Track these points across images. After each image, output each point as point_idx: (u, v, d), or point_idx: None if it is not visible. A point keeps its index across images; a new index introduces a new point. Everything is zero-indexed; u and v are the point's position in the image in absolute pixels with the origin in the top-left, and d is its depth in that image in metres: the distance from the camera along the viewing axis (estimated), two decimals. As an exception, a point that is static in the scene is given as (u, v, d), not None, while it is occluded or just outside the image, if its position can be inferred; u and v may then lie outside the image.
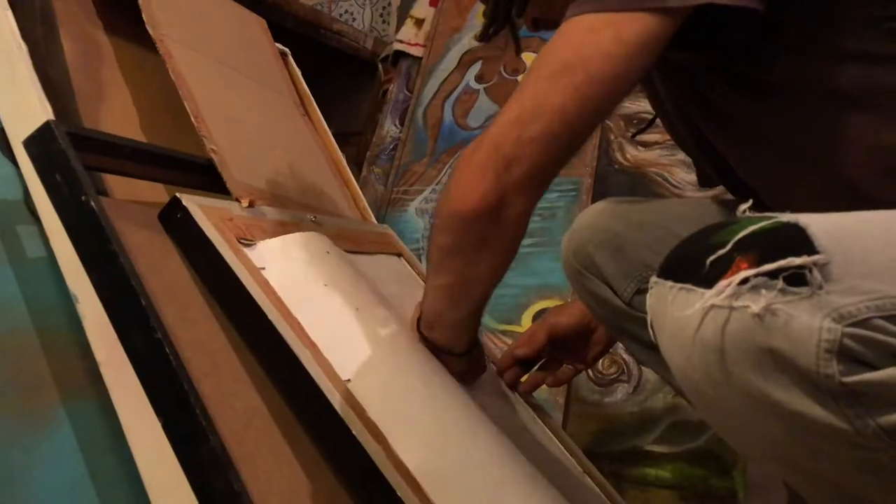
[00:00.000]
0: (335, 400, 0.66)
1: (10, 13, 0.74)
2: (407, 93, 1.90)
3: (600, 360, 1.27)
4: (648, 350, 0.90)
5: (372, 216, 1.24)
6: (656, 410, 1.21)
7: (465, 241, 0.67)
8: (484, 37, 0.75)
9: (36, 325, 0.66)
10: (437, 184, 1.69)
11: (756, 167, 0.70)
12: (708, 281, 0.46)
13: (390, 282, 1.01)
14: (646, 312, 0.80)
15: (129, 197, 0.82)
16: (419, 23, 1.93)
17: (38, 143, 0.68)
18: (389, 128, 1.87)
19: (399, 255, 1.14)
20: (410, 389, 0.77)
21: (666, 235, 0.82)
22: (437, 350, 0.82)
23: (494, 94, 1.73)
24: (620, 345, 1.24)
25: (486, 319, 1.40)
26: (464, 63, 1.81)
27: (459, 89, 1.79)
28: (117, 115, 0.91)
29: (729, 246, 0.46)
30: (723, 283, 0.45)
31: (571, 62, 0.58)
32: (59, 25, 0.84)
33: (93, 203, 0.65)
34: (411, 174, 1.74)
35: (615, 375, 1.23)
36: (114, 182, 0.84)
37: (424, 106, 1.83)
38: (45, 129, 0.68)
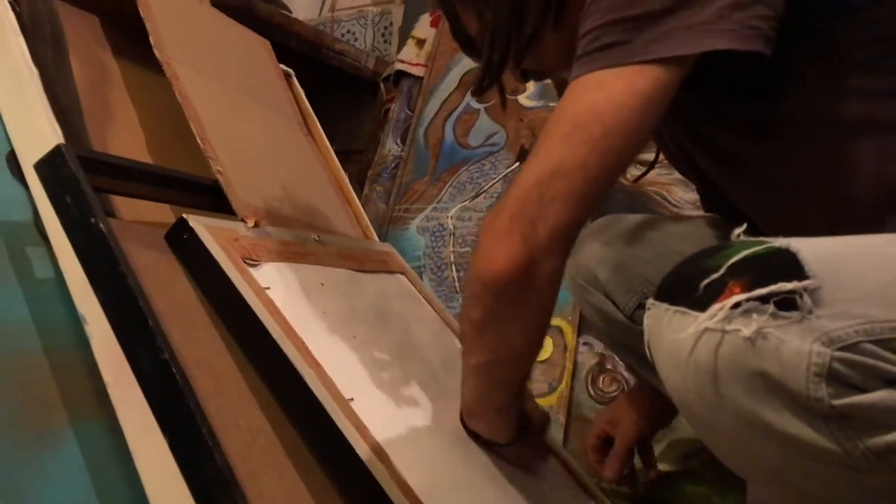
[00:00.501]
0: (339, 419, 0.67)
1: (21, 39, 0.76)
2: (408, 112, 1.91)
3: (601, 378, 1.28)
4: (649, 365, 0.91)
5: (374, 234, 1.25)
6: (657, 428, 1.22)
7: (497, 311, 0.64)
8: (479, 91, 0.74)
9: (44, 346, 0.67)
10: (437, 202, 1.70)
11: (756, 200, 0.71)
12: (701, 304, 0.47)
13: (394, 300, 1.02)
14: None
15: (136, 217, 0.83)
16: (420, 43, 1.96)
17: (49, 166, 0.69)
18: (391, 146, 1.89)
19: (401, 273, 1.15)
20: (412, 411, 0.78)
21: (666, 252, 0.84)
22: (482, 442, 0.80)
23: (495, 114, 1.75)
24: (621, 362, 1.25)
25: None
26: (464, 83, 1.83)
27: (460, 109, 1.81)
28: (125, 137, 0.92)
29: (722, 270, 0.47)
30: (716, 306, 0.46)
31: (585, 119, 0.58)
32: (69, 49, 0.85)
33: (102, 225, 0.67)
34: (413, 192, 1.76)
35: (615, 393, 1.24)
36: (121, 202, 0.85)
37: (426, 125, 1.84)
38: (56, 152, 0.69)
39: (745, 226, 0.53)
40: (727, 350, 0.46)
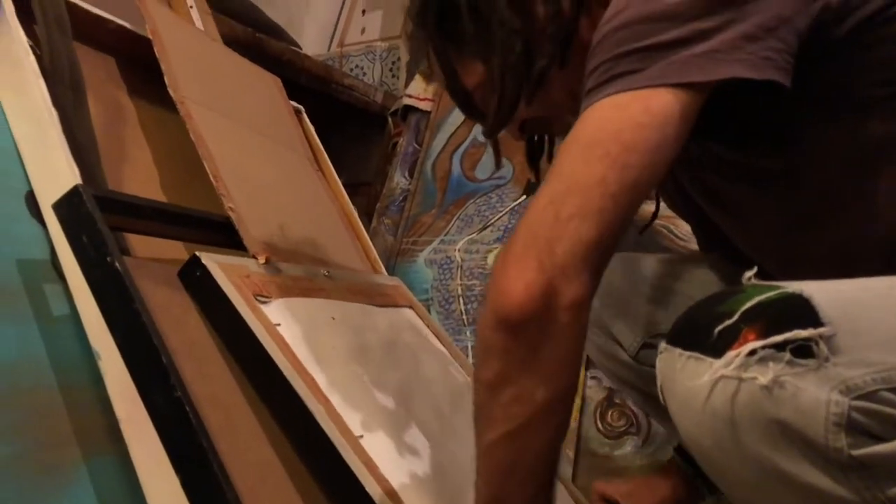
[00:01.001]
0: (348, 456, 0.67)
1: (42, 81, 0.78)
2: (416, 145, 1.94)
3: (609, 413, 1.28)
4: (655, 403, 0.91)
5: (382, 268, 1.26)
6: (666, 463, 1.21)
7: (516, 359, 0.54)
8: (489, 135, 0.74)
9: (60, 382, 0.68)
10: (445, 235, 1.71)
11: (761, 242, 0.71)
12: (716, 350, 0.47)
13: (403, 334, 1.03)
14: (652, 366, 0.81)
15: (149, 253, 0.85)
16: (428, 78, 1.98)
17: (67, 206, 0.71)
18: (399, 179, 1.91)
19: (409, 306, 1.16)
20: (421, 447, 0.78)
21: (670, 292, 0.84)
22: None
23: (502, 148, 1.78)
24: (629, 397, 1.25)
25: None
26: (472, 117, 1.86)
27: (467, 142, 1.83)
28: (139, 175, 0.94)
29: (736, 316, 0.47)
30: (731, 353, 0.46)
31: (601, 137, 0.55)
32: (87, 90, 0.87)
33: (117, 264, 0.68)
34: (420, 225, 1.77)
35: (624, 428, 1.24)
36: (135, 239, 0.87)
37: (433, 158, 1.86)
38: (74, 193, 0.71)
39: (755, 269, 0.52)
40: (744, 398, 0.45)
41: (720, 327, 0.47)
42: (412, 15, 0.75)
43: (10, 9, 0.81)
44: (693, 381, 0.48)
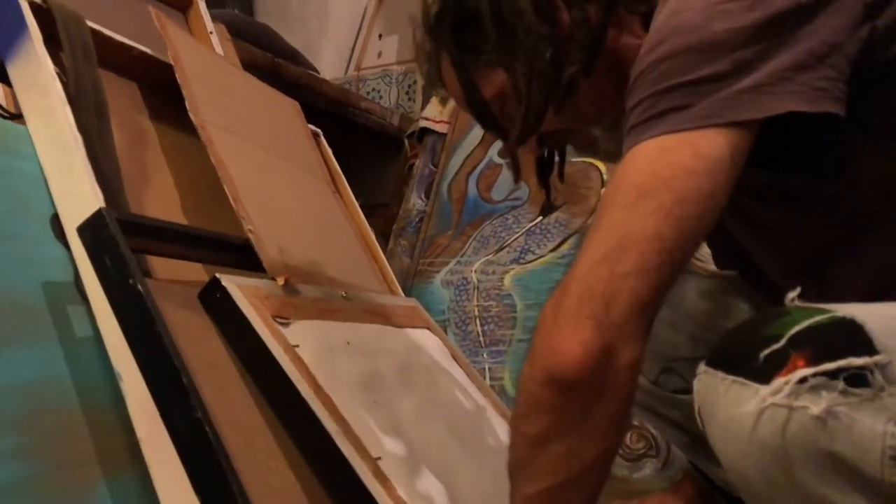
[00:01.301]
0: (366, 477, 0.68)
1: (68, 108, 0.80)
2: (432, 167, 1.95)
3: (628, 435, 1.27)
4: (674, 428, 0.90)
5: (399, 289, 1.27)
6: (685, 486, 1.20)
7: (566, 416, 0.53)
8: (518, 144, 0.71)
9: (82, 403, 0.69)
10: (461, 255, 1.72)
11: (790, 264, 0.68)
12: (763, 376, 0.45)
13: (419, 355, 1.03)
14: (672, 391, 0.80)
15: (170, 275, 0.86)
16: (444, 101, 2.00)
17: (91, 229, 0.72)
18: (415, 201, 1.92)
19: (426, 327, 1.16)
20: (439, 468, 0.78)
21: (688, 313, 0.83)
22: None
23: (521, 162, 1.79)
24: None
25: (513, 392, 1.41)
26: (487, 139, 1.87)
27: (483, 164, 1.85)
28: (161, 198, 0.95)
29: (784, 341, 0.45)
30: (780, 380, 0.44)
31: (652, 186, 0.52)
32: (111, 115, 0.89)
33: (139, 286, 0.69)
34: (436, 246, 1.78)
35: (643, 450, 1.23)
36: (156, 261, 0.88)
37: (449, 180, 1.88)
38: (98, 216, 0.72)
39: (798, 289, 0.50)
40: (795, 428, 0.43)
41: (767, 352, 0.45)
42: (424, 25, 0.74)
43: (37, 37, 0.83)
44: (738, 407, 0.46)
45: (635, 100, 0.56)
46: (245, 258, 0.88)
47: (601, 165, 1.66)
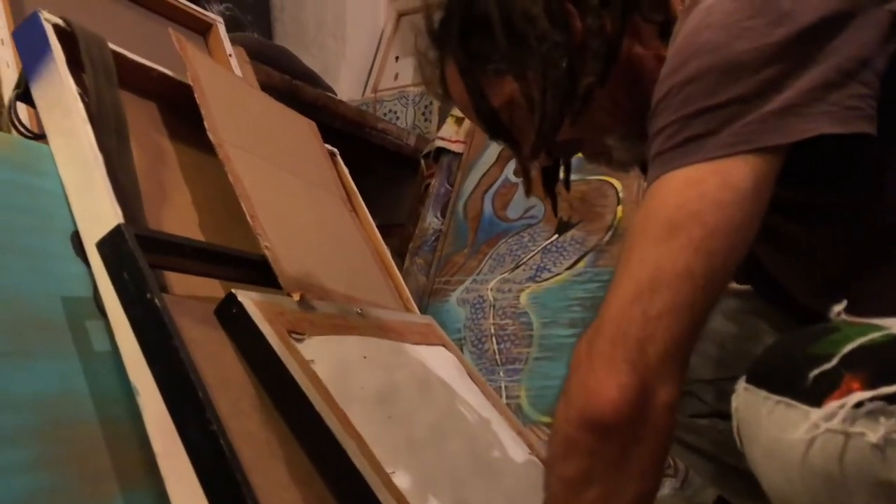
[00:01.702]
0: (380, 492, 0.67)
1: (89, 127, 0.82)
2: (448, 186, 1.96)
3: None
4: (691, 452, 0.88)
5: (415, 306, 1.27)
6: (705, 506, 1.18)
7: (605, 461, 0.52)
8: (534, 155, 0.69)
9: (100, 417, 0.70)
10: (477, 273, 1.72)
11: (815, 280, 0.67)
12: (813, 398, 0.43)
13: (436, 372, 1.03)
14: (689, 414, 0.77)
15: (187, 290, 0.87)
16: (459, 121, 2.02)
17: (110, 244, 0.73)
18: (431, 220, 1.93)
19: (442, 345, 1.16)
20: (454, 485, 0.78)
21: (708, 334, 0.80)
22: None
23: (532, 188, 1.79)
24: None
25: (530, 411, 1.40)
26: (503, 158, 1.88)
27: (499, 182, 1.85)
28: (178, 215, 0.97)
29: (835, 360, 0.43)
30: (833, 404, 0.41)
31: (680, 220, 0.51)
32: (130, 134, 0.91)
33: (157, 300, 0.70)
34: (452, 265, 1.78)
35: (660, 469, 1.21)
36: (173, 276, 0.89)
37: (465, 198, 1.88)
38: (116, 232, 0.73)
39: (845, 302, 0.48)
40: (851, 457, 0.41)
41: (816, 372, 0.43)
42: (428, 32, 0.72)
43: (60, 59, 0.85)
44: (785, 431, 0.43)
45: (659, 125, 0.54)
46: (261, 274, 0.89)
47: (617, 183, 1.66)
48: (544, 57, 0.64)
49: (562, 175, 0.82)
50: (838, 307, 0.48)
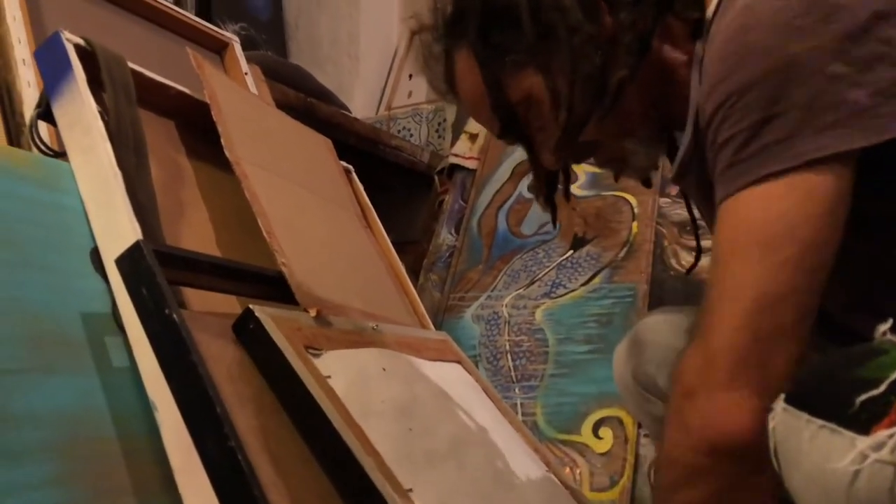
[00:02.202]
0: (399, 509, 0.67)
1: (108, 145, 0.82)
2: (462, 203, 1.96)
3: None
4: None
5: (430, 323, 1.27)
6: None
7: (737, 482, 0.53)
8: (560, 150, 0.66)
9: (118, 432, 0.70)
10: (492, 290, 1.71)
11: (846, 293, 0.64)
12: (859, 425, 0.41)
13: (454, 387, 1.03)
14: None
15: (204, 306, 0.87)
16: (473, 137, 2.03)
17: (129, 261, 0.74)
18: (445, 236, 1.93)
19: (458, 361, 1.16)
20: (472, 502, 0.77)
21: None
22: None
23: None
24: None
25: (546, 428, 1.39)
26: (517, 174, 1.88)
27: (513, 199, 1.85)
28: (196, 231, 0.97)
29: (883, 386, 0.41)
30: (883, 433, 0.40)
31: (772, 239, 0.50)
32: (149, 152, 0.92)
33: (175, 316, 0.70)
34: (467, 281, 1.78)
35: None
36: (190, 292, 0.89)
37: (479, 215, 1.89)
38: (135, 248, 0.74)
39: (890, 322, 0.46)
40: None
41: (864, 397, 0.41)
42: (437, 25, 0.70)
43: (81, 78, 0.86)
44: (830, 460, 0.42)
45: (724, 136, 0.53)
46: (278, 290, 0.89)
47: (632, 199, 1.66)
48: (575, 49, 0.62)
49: (561, 184, 0.79)
50: (883, 327, 0.46)
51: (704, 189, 0.61)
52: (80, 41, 0.91)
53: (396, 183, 2.12)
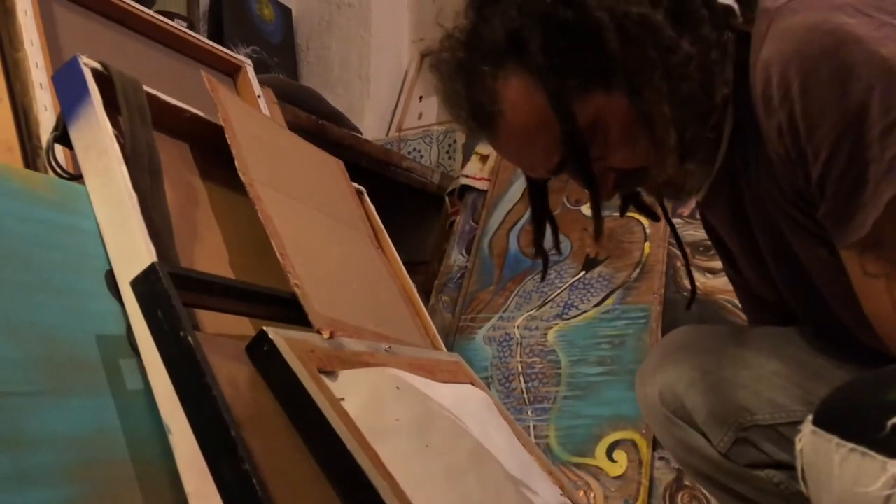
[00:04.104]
0: (414, 534, 0.66)
1: (124, 167, 0.83)
2: (473, 224, 1.96)
3: (679, 495, 1.22)
4: (738, 502, 0.82)
5: (442, 344, 1.26)
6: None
7: None
8: (663, 172, 0.63)
9: (132, 455, 0.70)
10: (504, 311, 1.71)
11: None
12: (891, 449, 0.41)
13: (468, 405, 1.02)
14: (745, 465, 0.73)
15: (218, 328, 0.87)
16: (484, 158, 2.03)
17: (144, 283, 0.74)
18: (456, 257, 1.93)
19: (470, 383, 1.15)
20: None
21: (764, 373, 0.75)
22: None
23: (558, 224, 1.79)
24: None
25: (559, 451, 1.38)
26: (527, 194, 1.88)
27: (524, 219, 1.85)
28: (210, 253, 0.98)
29: None
30: None
31: None
32: (164, 175, 0.92)
33: (190, 338, 0.70)
34: (478, 302, 1.77)
35: (696, 511, 1.18)
36: (203, 314, 0.89)
37: (490, 236, 1.88)
38: (150, 270, 0.74)
39: None
40: None
41: (894, 421, 0.41)
42: (485, 44, 0.63)
43: (98, 102, 0.87)
44: (861, 484, 0.41)
45: (848, 149, 0.52)
46: (291, 312, 0.89)
47: (643, 219, 1.65)
48: (672, 69, 0.59)
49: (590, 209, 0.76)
50: None
51: (736, 210, 0.60)
52: (97, 65, 0.92)
53: (407, 204, 2.13)
